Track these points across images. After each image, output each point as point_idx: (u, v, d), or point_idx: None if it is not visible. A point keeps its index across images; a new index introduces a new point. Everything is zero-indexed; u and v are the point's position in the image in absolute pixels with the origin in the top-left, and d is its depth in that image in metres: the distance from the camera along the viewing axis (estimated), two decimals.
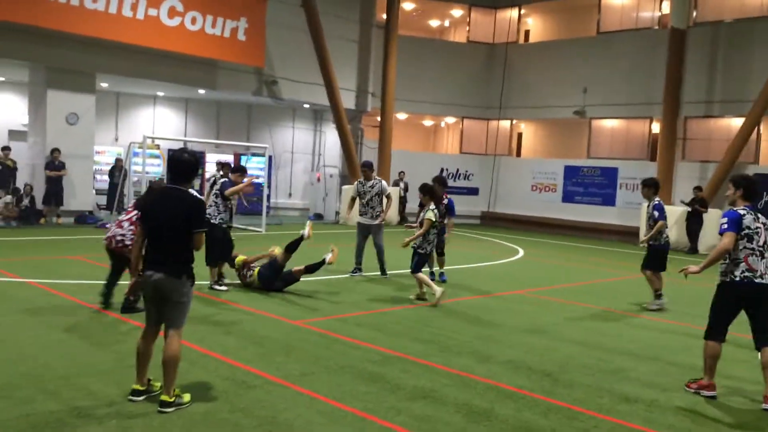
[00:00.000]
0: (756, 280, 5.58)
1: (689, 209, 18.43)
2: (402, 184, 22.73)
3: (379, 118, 22.27)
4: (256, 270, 9.35)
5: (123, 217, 7.76)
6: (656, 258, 9.77)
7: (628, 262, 15.69)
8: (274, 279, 9.23)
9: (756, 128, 18.63)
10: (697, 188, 18.69)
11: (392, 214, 22.03)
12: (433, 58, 24.11)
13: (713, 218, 18.40)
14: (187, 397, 4.82)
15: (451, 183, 24.70)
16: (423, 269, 9.43)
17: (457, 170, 24.88)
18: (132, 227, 7.43)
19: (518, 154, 25.76)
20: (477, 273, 12.55)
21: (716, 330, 5.78)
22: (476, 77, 24.78)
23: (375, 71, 22.39)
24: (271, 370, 5.73)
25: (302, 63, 20.30)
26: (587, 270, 13.90)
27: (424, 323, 7.97)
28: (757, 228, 5.66)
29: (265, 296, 9.03)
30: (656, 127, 20.83)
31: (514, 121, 25.21)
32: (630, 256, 17.22)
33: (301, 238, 9.48)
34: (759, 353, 5.66)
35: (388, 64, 21.64)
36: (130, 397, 4.82)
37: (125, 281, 8.97)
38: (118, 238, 7.53)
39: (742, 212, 5.69)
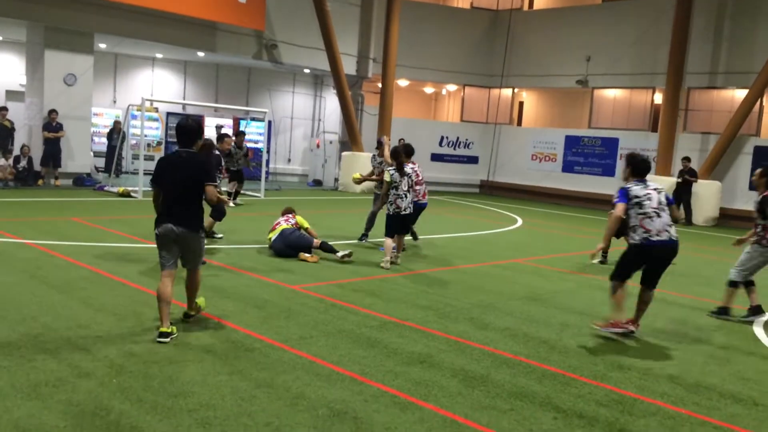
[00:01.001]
0: None
1: (679, 180, 18.43)
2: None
3: (380, 85, 22.07)
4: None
5: None
6: None
7: None
8: (293, 247, 9.37)
9: (759, 101, 18.52)
10: (686, 158, 18.66)
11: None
12: (436, 23, 23.80)
13: (703, 188, 18.42)
14: (202, 301, 6.12)
15: (451, 151, 24.71)
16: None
17: (458, 138, 24.75)
18: None
19: (519, 123, 25.62)
20: (475, 241, 12.57)
21: None
22: (479, 44, 24.50)
23: (377, 36, 22.13)
24: (270, 334, 5.78)
25: (303, 27, 20.04)
26: (586, 240, 13.92)
27: (422, 290, 8.01)
28: None
29: (264, 261, 9.06)
30: (658, 98, 20.69)
31: (516, 90, 25.01)
32: None
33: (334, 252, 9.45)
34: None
35: (390, 30, 21.37)
36: (159, 339, 5.36)
37: (108, 244, 8.97)
38: None
39: (627, 186, 6.54)
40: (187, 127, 5.66)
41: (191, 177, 5.53)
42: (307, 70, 22.54)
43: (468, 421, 4.29)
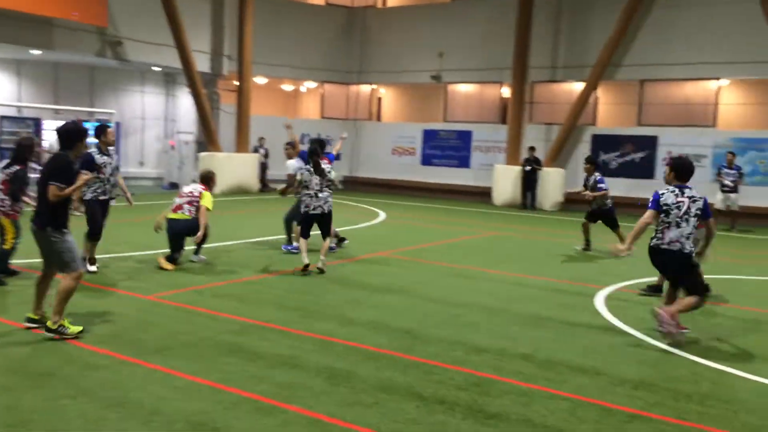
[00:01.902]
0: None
1: (527, 168, 19.62)
2: (262, 150, 22.27)
3: (236, 83, 21.53)
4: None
5: None
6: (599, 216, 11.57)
7: (484, 222, 16.49)
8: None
9: (594, 92, 20.05)
10: (531, 148, 19.92)
11: (252, 181, 21.60)
12: (291, 20, 23.55)
13: (548, 175, 19.73)
14: (73, 328, 5.67)
15: None
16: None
17: (319, 135, 24.67)
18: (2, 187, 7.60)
19: (379, 118, 26.03)
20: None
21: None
22: (335, 41, 24.59)
23: (230, 33, 21.53)
24: (121, 349, 5.43)
25: (150, 22, 19.04)
26: (446, 230, 14.41)
27: (286, 291, 7.90)
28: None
29: (116, 270, 8.52)
30: (506, 92, 21.81)
31: (374, 86, 25.38)
32: (485, 215, 18.10)
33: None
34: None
35: (244, 26, 20.87)
36: (27, 324, 5.76)
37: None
38: None
39: (661, 192, 6.45)
40: (60, 131, 5.87)
41: (43, 176, 5.72)
42: (156, 68, 21.49)
43: (333, 419, 4.27)
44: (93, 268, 8.28)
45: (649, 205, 6.44)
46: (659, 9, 19.10)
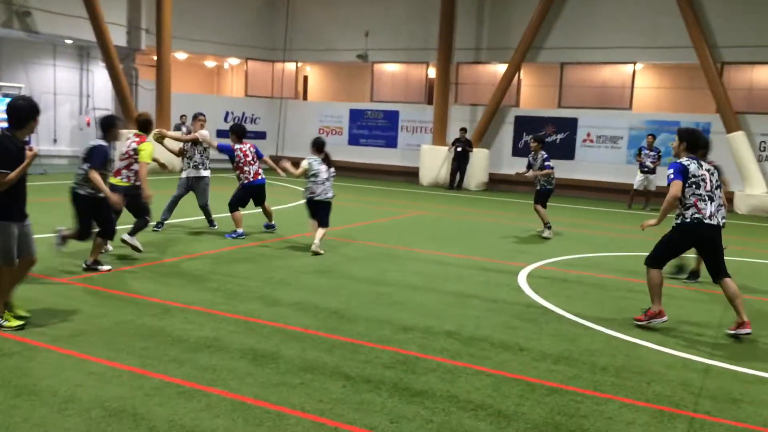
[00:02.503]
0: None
1: (458, 149, 19.86)
2: (184, 129, 21.56)
3: (155, 58, 20.71)
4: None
5: None
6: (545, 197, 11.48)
7: (412, 201, 16.61)
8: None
9: (517, 74, 20.43)
10: (463, 129, 20.20)
11: (174, 160, 20.92)
12: None
13: (474, 156, 20.05)
14: (13, 321, 5.28)
15: None
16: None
17: (243, 114, 24.18)
18: None
19: (305, 97, 25.70)
20: (264, 219, 12.38)
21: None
22: (259, 17, 24.02)
23: (148, 5, 20.65)
24: (32, 335, 5.16)
25: None
26: (374, 210, 14.42)
27: (210, 273, 7.71)
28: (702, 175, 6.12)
29: None
30: (432, 72, 21.93)
31: (300, 64, 25.00)
32: (413, 195, 18.23)
33: None
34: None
35: None
36: None
37: None
38: None
39: (686, 163, 6.15)
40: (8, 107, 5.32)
41: None
42: (69, 41, 20.40)
43: (257, 401, 4.20)
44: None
45: (674, 176, 6.10)
46: None
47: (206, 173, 10.37)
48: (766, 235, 13.66)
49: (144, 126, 8.41)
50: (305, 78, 25.82)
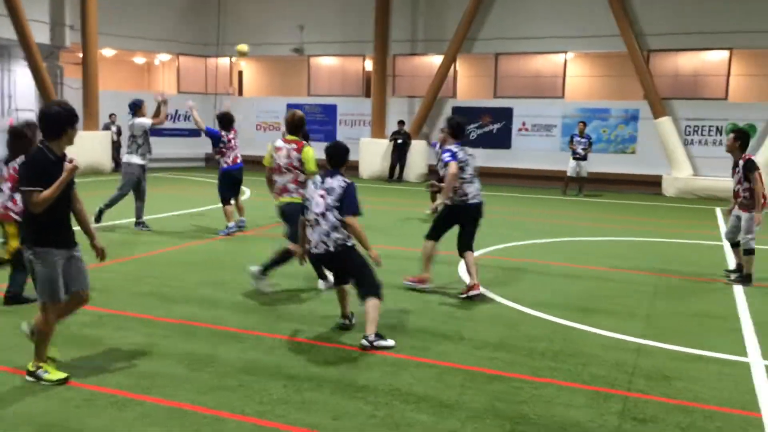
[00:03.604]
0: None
1: (398, 141, 19.92)
2: (114, 128, 20.93)
3: (81, 55, 19.96)
4: None
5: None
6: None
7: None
8: None
9: (453, 66, 20.60)
10: (401, 122, 20.25)
11: (104, 160, 20.27)
12: None
13: (412, 147, 20.15)
14: (55, 374, 4.43)
15: (170, 125, 23.43)
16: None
17: (177, 111, 23.56)
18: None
19: (240, 93, 25.26)
20: (202, 217, 12.15)
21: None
22: (190, 11, 23.44)
23: (72, 1, 19.87)
24: None
25: None
26: None
27: (143, 276, 7.48)
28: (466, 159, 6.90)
29: None
30: (369, 65, 21.89)
31: (234, 59, 24.54)
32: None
33: None
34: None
35: None
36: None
37: None
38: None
39: (455, 149, 6.86)
40: (40, 117, 4.51)
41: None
42: None
43: (194, 406, 4.10)
44: None
45: (450, 158, 6.80)
46: None
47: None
48: (694, 216, 14.22)
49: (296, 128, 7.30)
50: (240, 73, 25.38)
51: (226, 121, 10.69)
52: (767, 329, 6.02)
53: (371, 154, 20.76)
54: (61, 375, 4.44)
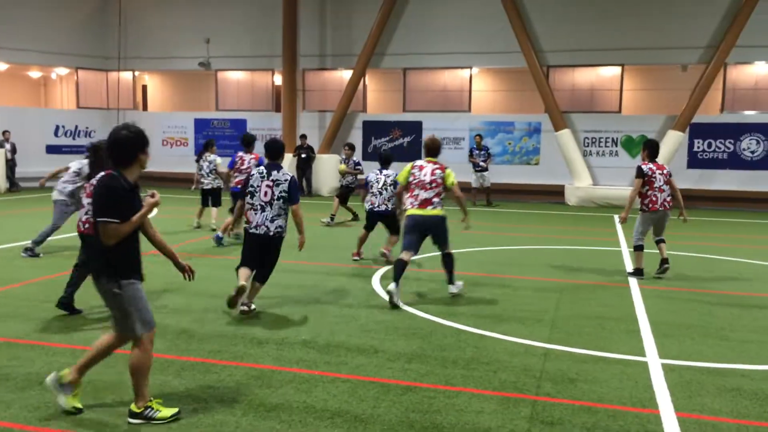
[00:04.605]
0: None
1: (302, 156, 19.84)
2: (8, 145, 19.77)
3: None
4: None
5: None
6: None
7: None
8: None
9: (362, 80, 20.79)
10: (303, 136, 20.20)
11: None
12: (36, 1, 21.12)
13: (324, 162, 20.17)
14: (165, 410, 4.18)
15: (70, 141, 22.49)
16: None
17: (76, 127, 22.60)
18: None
19: (145, 107, 24.48)
20: None
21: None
22: (90, 24, 22.56)
23: None
24: None
25: None
26: (219, 222, 13.96)
27: (43, 300, 7.06)
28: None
29: None
30: (279, 79, 21.75)
31: (137, 73, 23.78)
32: None
33: None
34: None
35: None
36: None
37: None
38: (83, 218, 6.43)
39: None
40: (109, 143, 4.28)
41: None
42: None
43: None
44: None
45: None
46: (417, 2, 20.31)
47: None
48: (595, 224, 14.92)
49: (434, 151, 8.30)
50: (144, 87, 24.61)
51: (247, 142, 11.88)
52: (662, 329, 6.38)
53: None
54: (174, 410, 4.22)
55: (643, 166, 8.70)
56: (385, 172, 9.88)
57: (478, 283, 8.31)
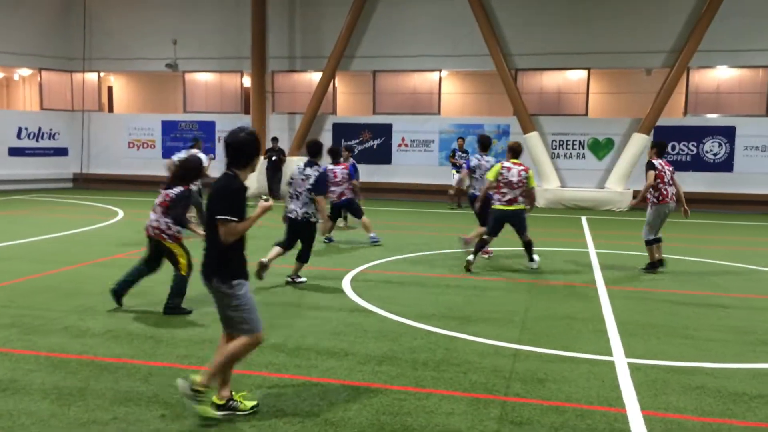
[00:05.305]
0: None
1: (273, 158, 19.72)
2: None
3: None
4: None
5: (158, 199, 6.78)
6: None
7: None
8: None
9: (332, 82, 20.75)
10: (274, 139, 20.07)
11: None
12: None
13: (294, 164, 20.02)
14: (247, 403, 4.34)
15: (33, 144, 22.05)
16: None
17: (40, 129, 22.14)
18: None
19: (111, 109, 24.08)
20: (69, 241, 11.42)
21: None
22: (53, 24, 22.13)
23: None
24: None
25: None
26: None
27: (3, 306, 6.90)
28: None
29: None
30: (248, 81, 21.59)
31: (103, 74, 23.39)
32: None
33: None
34: None
35: None
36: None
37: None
38: (153, 224, 6.75)
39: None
40: (229, 144, 4.34)
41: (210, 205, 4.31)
42: None
43: None
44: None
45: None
46: (385, 5, 20.35)
47: None
48: (563, 225, 15.10)
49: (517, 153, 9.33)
50: (110, 89, 24.22)
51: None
52: (628, 329, 6.48)
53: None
54: (253, 402, 4.40)
55: (654, 161, 9.29)
56: (486, 158, 10.37)
57: (448, 284, 8.35)
